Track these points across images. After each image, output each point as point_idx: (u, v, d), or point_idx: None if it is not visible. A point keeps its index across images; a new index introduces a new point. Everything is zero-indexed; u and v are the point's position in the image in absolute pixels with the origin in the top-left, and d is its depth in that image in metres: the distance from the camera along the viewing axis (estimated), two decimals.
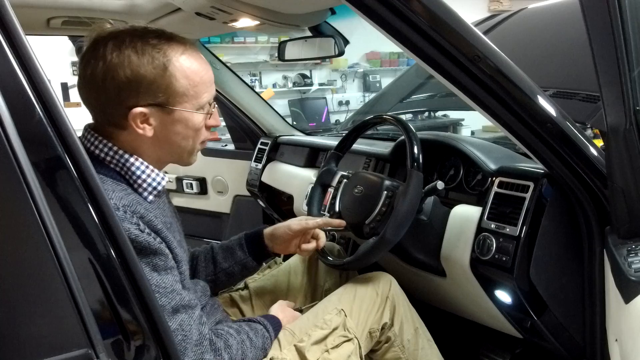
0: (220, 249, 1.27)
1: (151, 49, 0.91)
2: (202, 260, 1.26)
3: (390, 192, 1.30)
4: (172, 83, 0.93)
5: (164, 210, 0.99)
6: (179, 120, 0.96)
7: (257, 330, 1.07)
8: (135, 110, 0.92)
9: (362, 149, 1.81)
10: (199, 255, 1.27)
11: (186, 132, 0.97)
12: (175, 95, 0.94)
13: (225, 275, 1.26)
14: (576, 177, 1.15)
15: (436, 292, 1.52)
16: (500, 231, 1.24)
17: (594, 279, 1.21)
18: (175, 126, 0.96)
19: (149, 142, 0.96)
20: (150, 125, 0.94)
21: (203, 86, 0.97)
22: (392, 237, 1.21)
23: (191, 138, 0.99)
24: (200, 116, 0.98)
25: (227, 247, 1.27)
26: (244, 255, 1.25)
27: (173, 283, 0.91)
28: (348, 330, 1.15)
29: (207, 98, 0.98)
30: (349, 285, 1.27)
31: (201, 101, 0.97)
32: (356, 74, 6.66)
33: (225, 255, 1.26)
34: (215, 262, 1.26)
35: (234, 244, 1.27)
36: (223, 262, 1.25)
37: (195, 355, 0.92)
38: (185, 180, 2.72)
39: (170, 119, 0.95)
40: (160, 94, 0.93)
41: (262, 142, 2.42)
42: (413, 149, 1.27)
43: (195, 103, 0.96)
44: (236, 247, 1.26)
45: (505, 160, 1.39)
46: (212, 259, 1.26)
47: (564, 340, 1.27)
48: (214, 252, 1.27)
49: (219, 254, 1.26)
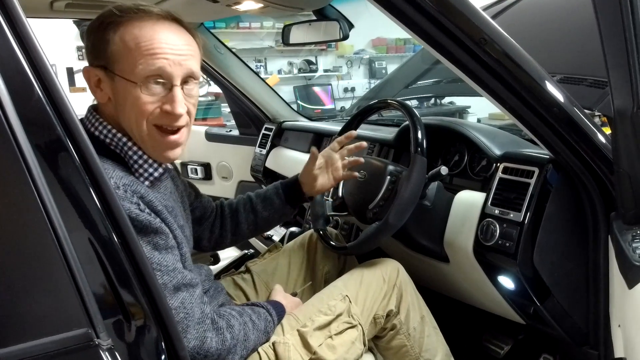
0: (259, 199, 1.35)
1: (120, 17, 0.91)
2: (243, 212, 1.34)
3: (393, 177, 1.30)
4: (110, 44, 0.90)
5: (165, 195, 0.99)
6: (122, 91, 0.90)
7: (260, 314, 1.08)
8: (86, 67, 0.93)
9: (366, 134, 1.79)
10: (238, 208, 1.34)
11: (128, 105, 0.91)
12: (112, 58, 0.90)
13: (266, 222, 1.37)
14: (582, 162, 1.14)
15: (439, 278, 1.51)
16: (504, 217, 1.23)
17: (599, 265, 1.20)
18: (119, 96, 0.91)
19: (114, 113, 0.94)
20: (102, 90, 0.93)
21: (139, 54, 0.88)
22: (395, 222, 1.21)
23: (134, 114, 0.91)
24: (137, 90, 0.89)
25: (265, 197, 1.35)
26: (282, 204, 1.34)
27: (174, 262, 0.91)
28: (352, 317, 1.15)
29: (143, 70, 0.88)
30: (356, 271, 1.27)
31: (136, 71, 0.88)
32: (362, 60, 6.59)
33: (265, 205, 1.34)
34: (255, 211, 1.34)
35: (271, 193, 1.35)
36: (263, 211, 1.34)
37: (197, 333, 0.92)
38: (189, 166, 2.72)
39: (115, 87, 0.91)
40: (102, 54, 0.91)
41: (266, 128, 2.41)
42: (417, 134, 1.26)
43: (130, 72, 0.89)
44: (274, 196, 1.34)
45: (510, 146, 1.38)
46: (252, 209, 1.34)
47: (567, 327, 1.27)
48: (252, 202, 1.35)
49: (259, 204, 1.34)
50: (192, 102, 0.97)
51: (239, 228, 1.34)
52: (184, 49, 0.93)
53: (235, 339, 0.98)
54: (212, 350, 0.94)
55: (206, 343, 0.93)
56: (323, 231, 1.40)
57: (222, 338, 0.95)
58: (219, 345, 0.95)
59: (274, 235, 2.16)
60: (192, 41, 0.96)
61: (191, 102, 0.96)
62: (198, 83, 0.98)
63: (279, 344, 1.07)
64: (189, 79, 0.94)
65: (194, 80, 0.96)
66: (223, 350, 0.96)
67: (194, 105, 0.98)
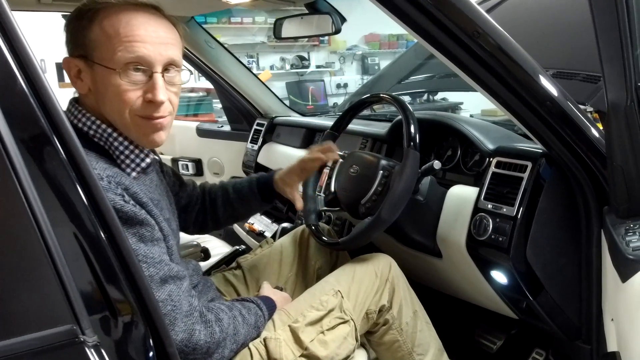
0: (235, 194, 1.35)
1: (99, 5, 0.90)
2: (220, 205, 1.35)
3: (386, 171, 1.29)
4: (89, 33, 0.89)
5: (150, 187, 0.97)
6: (102, 79, 0.89)
7: (250, 309, 1.06)
8: (66, 57, 0.91)
9: (359, 129, 1.78)
10: (216, 202, 1.35)
11: (108, 94, 0.89)
12: (91, 46, 0.88)
13: (243, 216, 1.44)
14: (575, 157, 1.14)
15: (431, 273, 1.51)
16: (497, 211, 1.22)
17: (591, 260, 1.20)
18: (98, 85, 0.90)
19: (96, 103, 0.92)
20: (82, 80, 0.92)
21: (117, 41, 0.87)
22: (387, 217, 1.20)
23: (115, 104, 0.90)
24: (117, 78, 0.88)
25: (240, 193, 1.35)
26: (259, 203, 1.36)
27: (160, 254, 0.90)
28: (344, 312, 1.14)
29: (123, 57, 0.87)
30: (348, 266, 1.26)
31: (115, 58, 0.87)
32: (355, 56, 6.58)
33: (241, 202, 1.35)
34: (232, 206, 1.36)
35: (247, 192, 1.35)
36: (239, 207, 1.36)
37: (185, 326, 0.90)
38: (180, 162, 2.70)
39: (95, 76, 0.90)
40: (81, 43, 0.90)
41: (258, 123, 2.39)
42: (410, 128, 1.25)
43: (109, 60, 0.87)
44: (250, 195, 1.34)
45: (503, 141, 1.37)
46: (229, 204, 1.35)
47: (559, 321, 1.27)
48: (229, 197, 1.35)
49: (235, 200, 1.35)
50: (174, 91, 0.95)
51: (217, 219, 1.37)
52: (164, 36, 0.92)
53: (224, 332, 0.97)
54: (200, 343, 0.92)
55: (194, 336, 0.91)
56: (315, 226, 1.38)
57: (211, 331, 0.94)
58: (208, 338, 0.93)
59: (265, 232, 2.15)
60: (173, 29, 0.95)
61: (173, 91, 0.95)
62: (180, 72, 0.96)
63: (270, 340, 1.06)
64: (170, 66, 0.93)
65: (175, 68, 0.94)
66: (212, 343, 0.94)
67: (177, 94, 0.97)
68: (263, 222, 2.22)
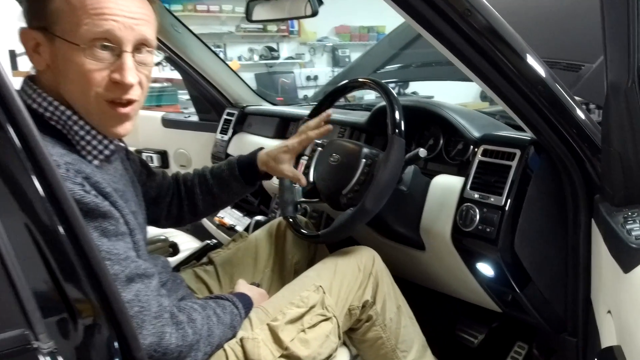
0: (215, 180, 1.24)
1: None
2: (199, 193, 1.24)
3: (369, 160, 1.22)
4: (51, 2, 0.79)
5: (114, 177, 0.88)
6: (63, 56, 0.79)
7: (225, 307, 0.98)
8: (23, 29, 0.82)
9: (336, 117, 1.71)
10: (194, 189, 1.24)
11: (70, 74, 0.80)
12: (53, 17, 0.79)
13: (225, 202, 1.31)
14: (564, 143, 1.10)
15: (413, 266, 1.46)
16: (484, 201, 1.18)
17: (578, 250, 1.17)
18: (59, 62, 0.80)
19: (54, 82, 0.83)
20: (40, 55, 0.82)
21: (84, 13, 0.78)
22: (371, 207, 1.13)
23: (79, 85, 0.81)
24: (80, 55, 0.79)
25: (221, 178, 1.24)
26: (241, 187, 1.25)
27: (126, 249, 0.81)
28: (326, 309, 1.07)
29: (89, 32, 0.78)
30: (329, 260, 1.19)
31: (80, 32, 0.78)
32: (325, 47, 6.48)
33: (222, 188, 1.25)
34: (212, 193, 1.25)
35: (228, 175, 1.24)
36: (221, 193, 1.25)
37: (155, 329, 0.81)
38: (144, 154, 2.56)
39: (55, 51, 0.80)
40: (41, 13, 0.80)
41: (228, 113, 2.29)
42: (394, 114, 1.18)
43: (73, 34, 0.78)
44: (231, 179, 1.23)
45: (489, 128, 1.33)
46: (209, 191, 1.25)
47: (545, 314, 1.23)
48: (209, 184, 1.24)
49: (215, 186, 1.24)
50: (145, 73, 0.86)
51: (196, 209, 1.25)
52: (136, 11, 0.82)
53: (197, 334, 0.88)
54: (171, 346, 0.83)
55: (165, 339, 0.82)
56: (293, 219, 1.31)
57: (183, 333, 0.85)
58: (180, 341, 0.84)
59: (237, 225, 2.05)
60: (147, 5, 0.86)
61: (144, 73, 0.86)
62: (152, 52, 0.87)
63: (247, 340, 0.98)
64: (141, 46, 0.84)
65: (147, 48, 0.85)
66: (184, 346, 0.86)
67: (147, 77, 0.88)
68: (234, 216, 2.12)
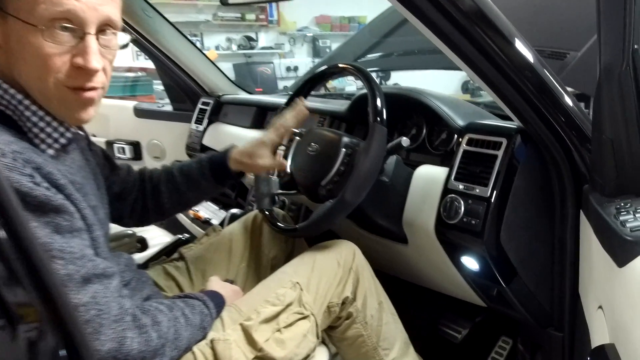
0: (183, 178, 1.16)
1: None
2: (165, 190, 1.16)
3: (349, 149, 1.16)
4: None
5: (71, 168, 0.80)
6: (18, 37, 0.72)
7: (194, 307, 0.91)
8: None
9: (315, 106, 1.64)
10: (160, 187, 1.16)
11: (25, 57, 0.73)
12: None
13: (192, 201, 1.22)
14: (552, 132, 1.06)
15: (395, 260, 1.40)
16: (469, 192, 1.12)
17: (565, 242, 1.13)
18: (11, 43, 0.73)
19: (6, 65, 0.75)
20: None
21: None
22: (352, 199, 1.07)
23: (36, 69, 0.73)
24: (38, 36, 0.71)
25: (189, 176, 1.16)
26: (211, 186, 1.17)
27: (82, 247, 0.73)
28: (304, 307, 1.01)
29: (47, 11, 0.71)
30: (307, 255, 1.12)
31: (37, 11, 0.70)
32: (305, 38, 6.38)
33: (190, 186, 1.16)
34: (179, 191, 1.17)
35: (196, 174, 1.16)
36: (188, 191, 1.17)
37: (114, 333, 0.74)
38: (116, 145, 2.46)
39: (8, 31, 0.72)
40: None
41: (203, 102, 2.20)
42: (376, 101, 1.12)
43: (29, 13, 0.71)
44: (200, 177, 1.15)
45: (474, 117, 1.28)
46: (176, 189, 1.16)
47: (531, 308, 1.19)
48: (176, 181, 1.16)
49: (182, 183, 1.16)
50: (110, 58, 0.79)
51: (162, 207, 1.17)
52: None
53: (163, 337, 0.81)
54: (133, 352, 0.76)
55: (125, 344, 0.75)
56: (269, 212, 1.24)
57: (147, 338, 0.78)
58: (142, 346, 0.77)
59: (212, 219, 1.97)
60: None
61: (108, 58, 0.79)
62: (117, 35, 0.80)
63: (218, 342, 0.91)
64: (106, 27, 0.77)
65: (111, 29, 0.78)
66: (148, 352, 0.78)
67: (111, 63, 0.81)
68: (209, 209, 2.04)
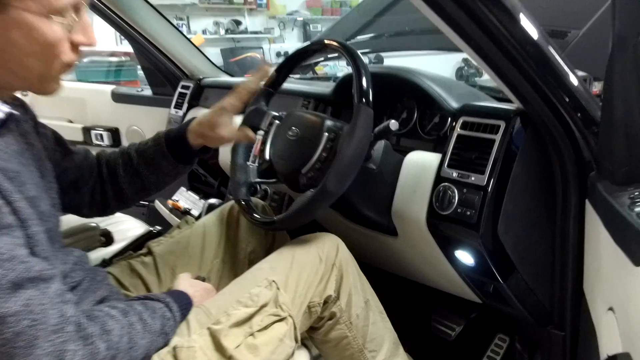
0: (142, 160, 1.05)
1: None
2: (124, 176, 1.05)
3: (332, 133, 1.05)
4: None
5: (3, 154, 0.69)
6: (18, 26, 0.66)
7: (155, 310, 0.80)
8: None
9: (299, 88, 1.53)
10: (117, 171, 1.05)
11: (31, 46, 0.68)
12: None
13: (157, 185, 1.08)
14: (554, 113, 0.96)
15: (384, 254, 1.31)
16: (464, 180, 1.02)
17: (567, 235, 1.03)
18: (10, 33, 0.66)
19: None
20: None
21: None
22: (334, 189, 0.97)
23: (41, 56, 0.69)
24: (56, 26, 0.68)
25: (148, 158, 1.05)
26: (173, 166, 1.05)
27: (12, 247, 0.62)
28: (280, 308, 0.91)
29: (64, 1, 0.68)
30: (286, 250, 1.02)
31: (57, 3, 0.67)
32: (295, 22, 6.21)
33: (151, 169, 1.05)
34: (139, 175, 1.05)
35: (155, 154, 1.05)
36: (150, 175, 1.06)
37: (52, 347, 0.63)
38: (94, 131, 2.34)
39: (4, 22, 0.65)
40: None
41: (182, 86, 2.08)
42: (361, 80, 1.01)
43: (46, 3, 0.66)
44: (160, 158, 1.04)
45: (469, 98, 1.18)
46: (136, 173, 1.05)
47: (530, 305, 1.10)
48: (134, 165, 1.05)
49: (142, 166, 1.05)
50: None
51: (122, 194, 1.06)
52: None
53: (113, 348, 0.70)
54: None
55: (66, 359, 0.65)
56: (246, 202, 1.13)
57: (92, 350, 0.67)
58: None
59: (192, 209, 1.87)
60: None
61: None
62: None
63: (181, 349, 0.81)
64: None
65: None
66: None
67: None
68: (190, 199, 1.93)
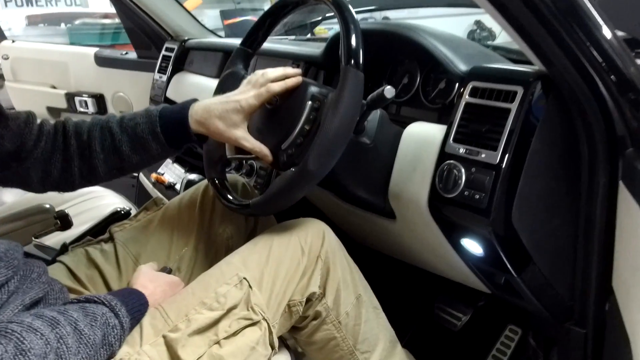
0: (125, 136, 0.88)
1: None
2: (101, 152, 0.88)
3: (317, 102, 0.89)
4: None
5: None
6: None
7: (96, 317, 0.67)
8: None
9: (287, 49, 1.36)
10: (93, 146, 0.88)
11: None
12: None
13: (137, 167, 0.92)
14: (583, 76, 0.79)
15: (382, 237, 1.16)
16: (472, 157, 0.86)
17: (593, 221, 0.88)
18: None
19: None
20: None
21: None
22: (316, 168, 0.81)
23: None
24: None
25: (135, 135, 0.88)
26: (163, 149, 0.89)
27: None
28: (252, 310, 0.77)
29: None
30: (262, 240, 0.88)
31: None
32: None
33: (135, 148, 0.89)
34: (120, 153, 0.89)
35: (146, 131, 0.87)
36: (133, 154, 0.89)
37: None
38: (78, 98, 2.19)
39: None
40: None
41: (166, 48, 1.91)
42: (350, 38, 0.84)
43: None
44: (150, 139, 0.88)
45: (480, 59, 1.00)
46: (116, 150, 0.88)
47: (547, 300, 0.96)
48: (116, 140, 0.88)
49: (126, 144, 0.88)
50: None
51: (94, 172, 0.89)
52: None
53: None
54: None
55: None
56: (219, 180, 0.99)
57: None
58: None
59: (178, 184, 1.73)
60: None
61: None
62: None
63: None
64: None
65: None
66: None
67: None
68: (175, 172, 1.78)
